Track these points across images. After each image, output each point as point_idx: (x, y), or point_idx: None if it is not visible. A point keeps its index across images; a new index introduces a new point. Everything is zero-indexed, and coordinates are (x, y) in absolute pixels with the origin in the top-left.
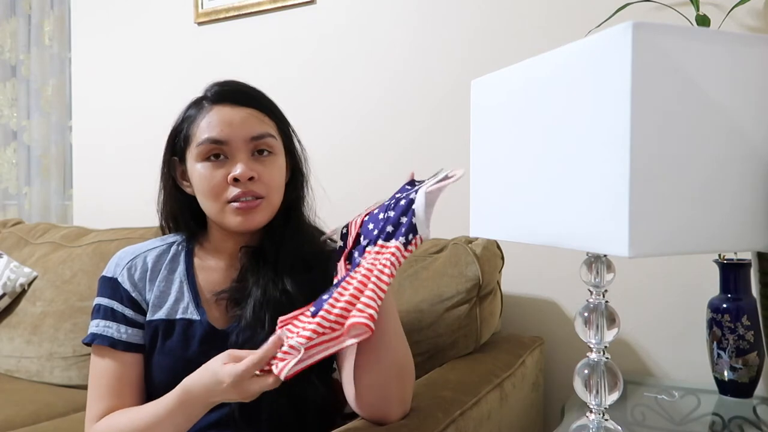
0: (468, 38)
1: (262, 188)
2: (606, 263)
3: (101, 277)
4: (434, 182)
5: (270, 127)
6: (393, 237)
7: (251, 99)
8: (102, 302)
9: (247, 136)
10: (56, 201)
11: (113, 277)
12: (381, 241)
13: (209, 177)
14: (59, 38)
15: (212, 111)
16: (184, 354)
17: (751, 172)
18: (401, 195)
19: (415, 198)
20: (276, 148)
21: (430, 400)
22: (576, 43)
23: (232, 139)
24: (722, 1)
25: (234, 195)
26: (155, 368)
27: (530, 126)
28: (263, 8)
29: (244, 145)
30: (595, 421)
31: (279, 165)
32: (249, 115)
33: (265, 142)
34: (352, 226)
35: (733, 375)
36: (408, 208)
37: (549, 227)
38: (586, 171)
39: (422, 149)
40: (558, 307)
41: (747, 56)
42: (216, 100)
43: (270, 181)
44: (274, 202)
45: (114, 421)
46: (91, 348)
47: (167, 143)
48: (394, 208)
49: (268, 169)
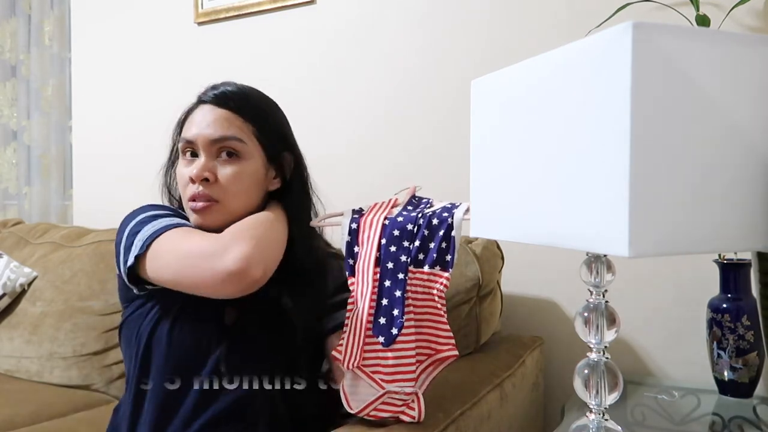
0: (468, 38)
1: (217, 192)
2: (606, 263)
3: (140, 207)
4: (461, 213)
5: (240, 131)
6: (438, 264)
7: (231, 101)
8: (154, 212)
9: (210, 137)
10: (56, 201)
11: (160, 203)
12: (428, 268)
13: (180, 173)
14: (59, 38)
15: (196, 110)
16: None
17: (752, 172)
18: (422, 211)
19: (453, 230)
20: (244, 152)
21: (430, 400)
22: (576, 43)
23: (198, 139)
24: (722, 1)
25: (191, 194)
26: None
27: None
28: (263, 8)
29: (207, 147)
30: (595, 421)
31: (245, 170)
32: (221, 117)
33: (228, 144)
34: (365, 226)
35: (733, 375)
36: (448, 235)
37: (549, 227)
38: (586, 171)
39: (426, 152)
40: (558, 307)
41: (747, 56)
42: (202, 100)
43: (227, 185)
44: (230, 206)
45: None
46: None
47: (171, 146)
48: (426, 226)
49: (228, 171)
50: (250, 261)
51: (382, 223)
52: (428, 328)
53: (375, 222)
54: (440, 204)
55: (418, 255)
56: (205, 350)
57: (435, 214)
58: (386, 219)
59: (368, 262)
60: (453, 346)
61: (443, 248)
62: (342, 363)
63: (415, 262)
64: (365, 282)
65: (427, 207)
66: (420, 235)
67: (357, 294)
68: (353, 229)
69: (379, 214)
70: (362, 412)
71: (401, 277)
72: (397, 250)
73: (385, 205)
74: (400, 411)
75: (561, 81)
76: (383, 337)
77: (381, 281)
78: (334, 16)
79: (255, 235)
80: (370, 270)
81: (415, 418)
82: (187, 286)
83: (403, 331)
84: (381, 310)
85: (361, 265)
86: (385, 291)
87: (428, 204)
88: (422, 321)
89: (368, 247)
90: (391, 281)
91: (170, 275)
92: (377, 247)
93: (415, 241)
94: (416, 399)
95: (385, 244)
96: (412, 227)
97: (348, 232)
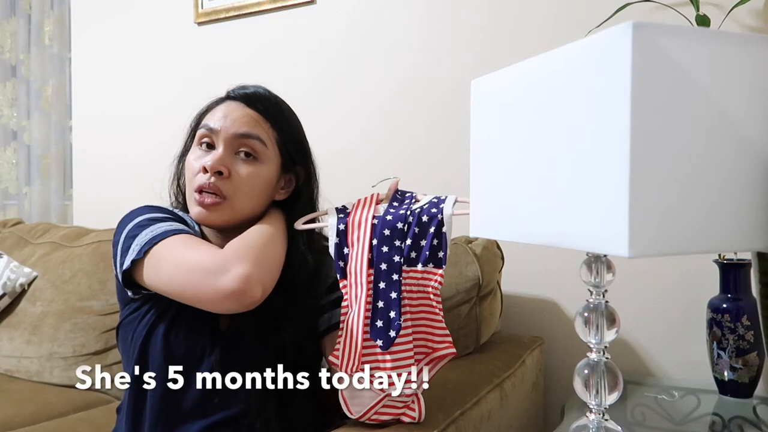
0: (468, 37)
1: (228, 188)
2: (606, 263)
3: (139, 207)
4: (450, 208)
5: (264, 133)
6: (431, 262)
7: (260, 103)
8: (153, 215)
9: (235, 131)
10: (56, 201)
11: (160, 206)
12: (421, 266)
13: (192, 160)
14: (59, 38)
15: (222, 104)
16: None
17: (752, 172)
18: (410, 207)
19: (444, 226)
20: (263, 155)
21: (430, 400)
22: (576, 43)
23: (221, 129)
24: (722, 1)
25: (199, 184)
26: (173, 334)
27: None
28: (263, 8)
29: (229, 140)
30: (595, 421)
31: (260, 173)
32: (249, 115)
33: (249, 143)
34: (353, 226)
35: (733, 375)
36: (439, 231)
37: (549, 227)
38: (586, 171)
39: (426, 151)
40: (558, 307)
41: (747, 56)
42: (231, 97)
43: (240, 183)
44: (238, 207)
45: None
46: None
47: (188, 135)
48: (416, 224)
49: (244, 171)
50: (251, 281)
51: (371, 222)
52: (425, 326)
53: (363, 221)
54: (426, 198)
55: (411, 253)
56: (200, 355)
57: (423, 210)
58: (375, 218)
59: (361, 264)
60: (450, 344)
61: (435, 245)
62: (340, 368)
63: (407, 261)
64: (359, 284)
65: (413, 202)
66: (411, 233)
67: (351, 297)
68: (341, 230)
69: (366, 213)
70: (363, 417)
71: (396, 278)
72: (389, 250)
73: (369, 201)
74: (401, 413)
75: (561, 81)
76: (381, 340)
77: (375, 283)
78: (334, 16)
79: (257, 254)
80: (364, 272)
81: (416, 419)
82: (184, 299)
83: (401, 332)
84: (378, 313)
85: (353, 268)
86: (381, 293)
87: (413, 199)
88: (418, 320)
89: (359, 249)
90: (385, 283)
91: (168, 286)
92: (369, 248)
93: (406, 239)
94: (416, 400)
95: (376, 244)
96: (402, 225)
97: (336, 233)
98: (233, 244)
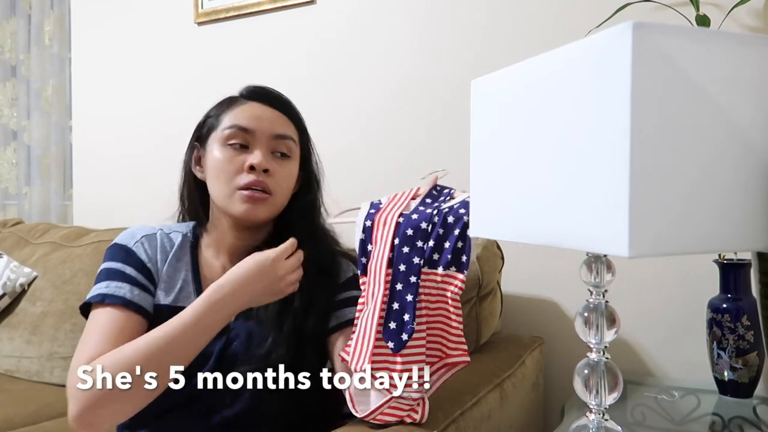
0: (468, 37)
1: (273, 185)
2: (606, 263)
3: (112, 244)
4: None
5: (293, 133)
6: (453, 265)
7: (281, 104)
8: (112, 266)
9: (273, 132)
10: (56, 201)
11: (126, 245)
12: (442, 269)
13: (227, 160)
14: (59, 38)
15: (246, 104)
16: None
17: (752, 172)
18: (440, 207)
19: (470, 228)
20: (294, 153)
21: (430, 400)
22: (576, 43)
23: (258, 130)
24: (722, 1)
25: (246, 182)
26: None
27: (530, 126)
28: (263, 8)
29: (266, 140)
30: (595, 421)
31: (292, 170)
32: (277, 116)
33: (285, 143)
34: (379, 223)
35: (733, 375)
36: (464, 234)
37: (549, 227)
38: (586, 171)
39: (425, 151)
40: (558, 307)
41: (747, 56)
42: (250, 97)
43: (281, 180)
44: (278, 202)
45: (116, 351)
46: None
47: (195, 128)
48: (441, 224)
49: (282, 169)
50: (80, 422)
51: (396, 221)
52: (439, 330)
53: (389, 219)
54: (460, 197)
55: (433, 255)
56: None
57: (451, 211)
58: (401, 216)
59: (381, 263)
60: (464, 352)
61: (459, 248)
62: (350, 364)
63: (429, 263)
64: (377, 283)
65: (446, 199)
66: (435, 234)
67: (368, 294)
68: (368, 227)
69: (394, 210)
70: (369, 416)
71: (413, 281)
72: (410, 251)
73: (406, 196)
74: (406, 415)
75: (561, 81)
76: (393, 342)
77: (392, 284)
78: (334, 16)
79: (102, 393)
80: (383, 271)
81: (417, 420)
82: None
83: (414, 335)
84: (392, 314)
85: (374, 266)
86: (397, 294)
87: (449, 195)
88: (434, 324)
89: (381, 247)
90: (402, 284)
91: None
92: (390, 247)
93: (429, 240)
94: (422, 402)
95: (398, 244)
96: (426, 225)
97: (362, 229)
98: (115, 355)
